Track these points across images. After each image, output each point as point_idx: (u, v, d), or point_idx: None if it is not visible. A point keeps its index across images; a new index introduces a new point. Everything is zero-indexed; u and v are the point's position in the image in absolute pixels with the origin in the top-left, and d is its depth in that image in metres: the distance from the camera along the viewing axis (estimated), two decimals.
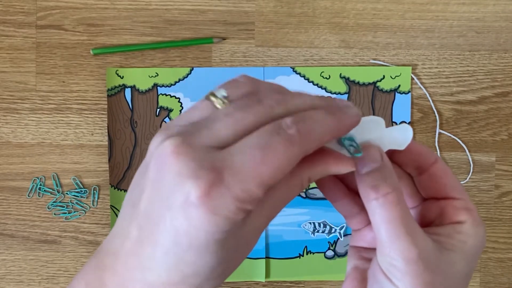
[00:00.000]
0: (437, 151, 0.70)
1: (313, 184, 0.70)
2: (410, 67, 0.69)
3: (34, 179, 0.70)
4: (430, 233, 0.30)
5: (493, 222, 0.71)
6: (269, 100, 0.27)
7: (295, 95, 0.28)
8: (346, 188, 0.33)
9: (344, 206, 0.34)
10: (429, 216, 0.32)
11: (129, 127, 0.70)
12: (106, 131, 0.70)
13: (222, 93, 0.27)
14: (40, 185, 0.70)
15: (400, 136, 0.30)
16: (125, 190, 0.70)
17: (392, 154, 0.31)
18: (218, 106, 0.26)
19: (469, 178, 0.71)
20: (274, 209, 0.27)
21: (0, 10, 0.69)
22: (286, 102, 0.27)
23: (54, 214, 0.70)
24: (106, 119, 0.70)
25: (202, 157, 0.24)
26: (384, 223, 0.28)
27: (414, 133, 0.70)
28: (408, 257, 0.27)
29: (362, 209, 0.30)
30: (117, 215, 0.70)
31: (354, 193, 0.32)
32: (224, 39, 0.69)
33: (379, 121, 0.30)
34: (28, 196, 0.70)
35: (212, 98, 0.26)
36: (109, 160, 0.70)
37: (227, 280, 0.70)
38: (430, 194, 0.32)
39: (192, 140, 0.24)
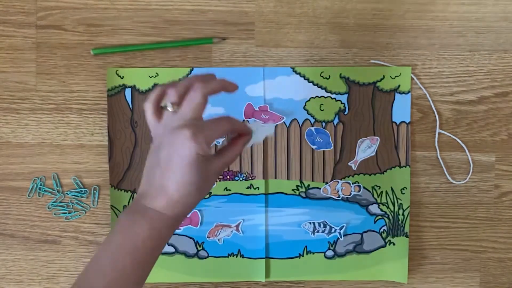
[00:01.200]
0: (437, 151, 0.70)
1: (313, 184, 0.70)
2: (410, 67, 0.70)
3: (34, 179, 0.70)
4: None
5: (493, 222, 0.71)
6: (193, 91, 0.50)
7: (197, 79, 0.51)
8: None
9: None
10: None
11: (129, 127, 0.70)
12: (106, 131, 0.70)
13: (170, 106, 0.50)
14: (40, 185, 0.70)
15: (267, 131, 0.55)
16: (125, 190, 0.70)
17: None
18: (177, 109, 0.50)
19: (469, 178, 0.71)
20: (225, 160, 0.52)
21: (0, 10, 0.69)
22: (204, 84, 0.51)
23: (54, 214, 0.70)
24: (106, 119, 0.70)
25: (191, 123, 0.49)
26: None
27: (414, 133, 0.70)
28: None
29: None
30: (117, 215, 0.70)
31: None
32: (224, 39, 0.70)
33: (267, 126, 0.57)
34: (28, 196, 0.70)
35: (169, 109, 0.50)
36: (109, 160, 0.70)
37: (227, 280, 0.71)
38: None
39: (183, 118, 0.50)
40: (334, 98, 0.70)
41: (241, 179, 0.70)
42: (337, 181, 0.70)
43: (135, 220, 0.48)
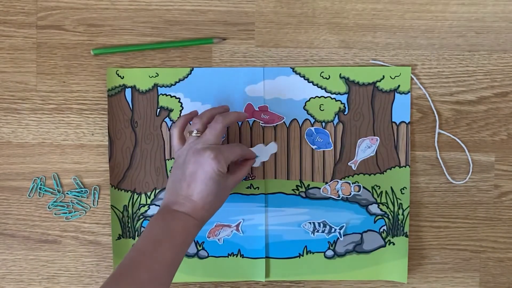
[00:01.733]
0: (436, 151, 0.71)
1: (313, 184, 0.70)
2: (410, 67, 0.70)
3: (35, 179, 0.70)
4: None
5: (493, 222, 0.71)
6: (214, 122, 0.63)
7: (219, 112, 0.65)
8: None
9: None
10: None
11: (130, 127, 0.70)
12: (107, 131, 0.70)
13: (195, 132, 0.63)
14: (41, 185, 0.70)
15: (271, 150, 0.68)
16: (125, 190, 0.70)
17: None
18: (198, 134, 0.63)
19: (469, 178, 0.71)
20: (237, 178, 0.64)
21: (1, 10, 0.70)
22: (225, 116, 0.63)
23: (55, 214, 0.71)
24: (107, 119, 0.70)
25: (214, 147, 0.61)
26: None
27: (414, 133, 0.70)
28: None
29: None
30: (117, 215, 0.70)
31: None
32: (224, 39, 0.70)
33: (270, 146, 0.68)
34: (29, 196, 0.70)
35: (194, 135, 0.63)
36: (109, 160, 0.70)
37: (227, 280, 0.71)
38: None
39: (206, 143, 0.62)
40: (334, 98, 0.70)
41: None
42: (337, 181, 0.70)
43: (168, 219, 0.59)
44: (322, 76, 0.70)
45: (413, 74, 0.70)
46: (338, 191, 0.70)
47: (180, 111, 0.70)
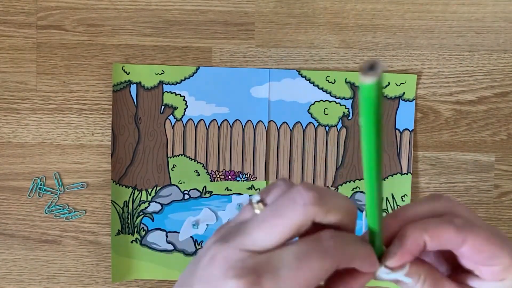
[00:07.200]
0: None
1: None
2: (415, 75, 0.69)
3: (35, 179, 0.70)
4: None
5: (493, 222, 0.71)
6: (304, 199, 0.28)
7: (327, 194, 0.29)
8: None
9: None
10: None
11: (133, 123, 0.70)
12: (107, 131, 0.70)
13: (256, 198, 0.31)
14: (41, 185, 0.70)
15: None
16: (127, 186, 0.70)
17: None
18: (256, 211, 0.30)
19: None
20: None
21: (1, 10, 0.70)
22: (321, 200, 0.29)
23: (55, 216, 0.71)
24: (107, 119, 0.70)
25: (245, 260, 0.27)
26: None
27: (415, 133, 0.70)
28: None
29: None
30: (117, 211, 0.70)
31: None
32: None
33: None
34: (29, 196, 0.70)
35: (252, 203, 0.30)
36: (111, 155, 0.70)
37: None
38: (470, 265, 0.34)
39: (236, 244, 0.28)
40: (339, 103, 0.70)
41: (242, 179, 0.70)
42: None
43: None
44: (328, 80, 0.70)
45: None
46: None
47: (184, 109, 0.70)
